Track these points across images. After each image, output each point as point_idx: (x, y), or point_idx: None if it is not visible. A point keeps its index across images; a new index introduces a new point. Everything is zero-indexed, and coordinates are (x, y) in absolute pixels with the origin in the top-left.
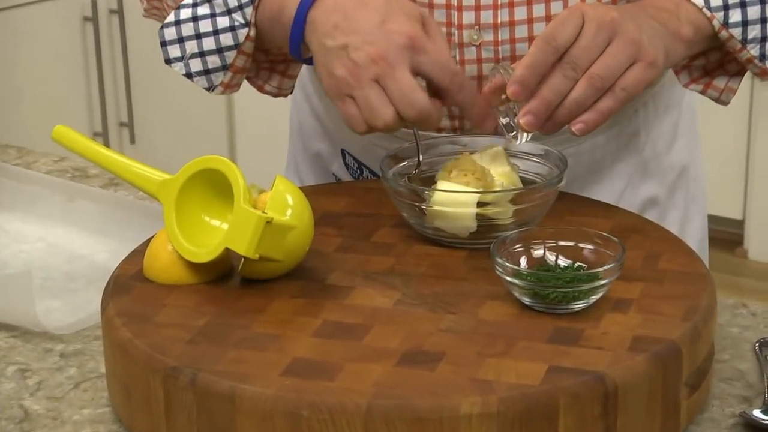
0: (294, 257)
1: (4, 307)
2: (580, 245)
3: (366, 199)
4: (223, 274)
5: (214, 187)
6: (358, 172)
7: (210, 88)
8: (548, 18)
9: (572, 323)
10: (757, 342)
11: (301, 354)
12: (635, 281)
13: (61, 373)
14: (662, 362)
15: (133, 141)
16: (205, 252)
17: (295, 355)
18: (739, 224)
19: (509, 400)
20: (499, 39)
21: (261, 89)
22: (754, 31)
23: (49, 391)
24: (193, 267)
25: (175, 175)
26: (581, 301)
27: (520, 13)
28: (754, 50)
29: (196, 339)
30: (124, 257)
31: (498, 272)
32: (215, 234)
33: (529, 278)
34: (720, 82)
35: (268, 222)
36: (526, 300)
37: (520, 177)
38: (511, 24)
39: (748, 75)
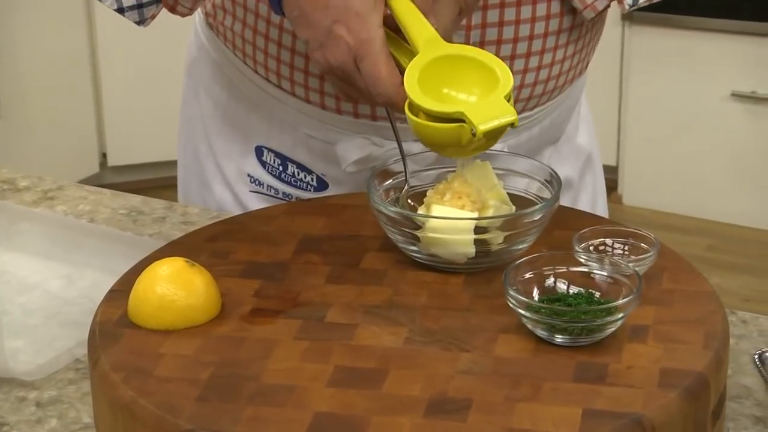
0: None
1: None
2: (594, 272)
3: (344, 218)
4: (214, 317)
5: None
6: (280, 168)
7: (140, 22)
8: (518, 22)
9: (593, 357)
10: (756, 354)
11: (322, 408)
12: (645, 305)
13: (42, 426)
14: (694, 397)
15: None
16: (441, 105)
17: (316, 409)
18: (613, 170)
19: None
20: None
21: (173, 10)
22: None
23: None
24: (185, 311)
25: (446, 42)
26: (599, 334)
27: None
28: None
29: (205, 395)
30: (78, 284)
31: (511, 305)
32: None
33: (543, 311)
34: None
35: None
36: (540, 333)
37: (507, 194)
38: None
39: (618, 21)
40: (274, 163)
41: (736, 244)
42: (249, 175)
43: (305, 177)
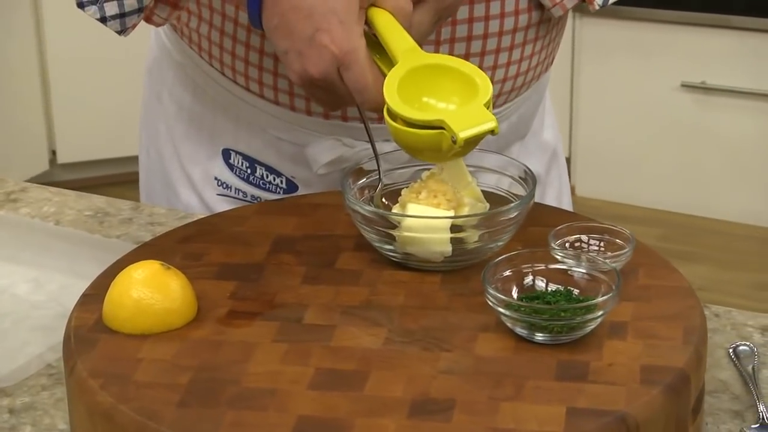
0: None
1: None
2: (572, 269)
3: (317, 218)
4: (191, 320)
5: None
6: (248, 171)
7: (121, 31)
8: (487, 18)
9: (574, 355)
10: (730, 348)
11: (304, 411)
12: (623, 301)
13: None
14: (675, 393)
15: None
16: (422, 114)
17: (298, 413)
18: (566, 161)
19: None
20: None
21: (148, 19)
22: None
23: None
24: (162, 315)
25: (425, 52)
26: (579, 332)
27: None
28: None
29: (186, 400)
30: (46, 287)
31: (490, 303)
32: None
33: (523, 310)
34: None
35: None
36: (520, 331)
37: (481, 191)
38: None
39: (569, 13)
40: (242, 165)
41: (688, 234)
42: (216, 179)
43: (274, 179)
